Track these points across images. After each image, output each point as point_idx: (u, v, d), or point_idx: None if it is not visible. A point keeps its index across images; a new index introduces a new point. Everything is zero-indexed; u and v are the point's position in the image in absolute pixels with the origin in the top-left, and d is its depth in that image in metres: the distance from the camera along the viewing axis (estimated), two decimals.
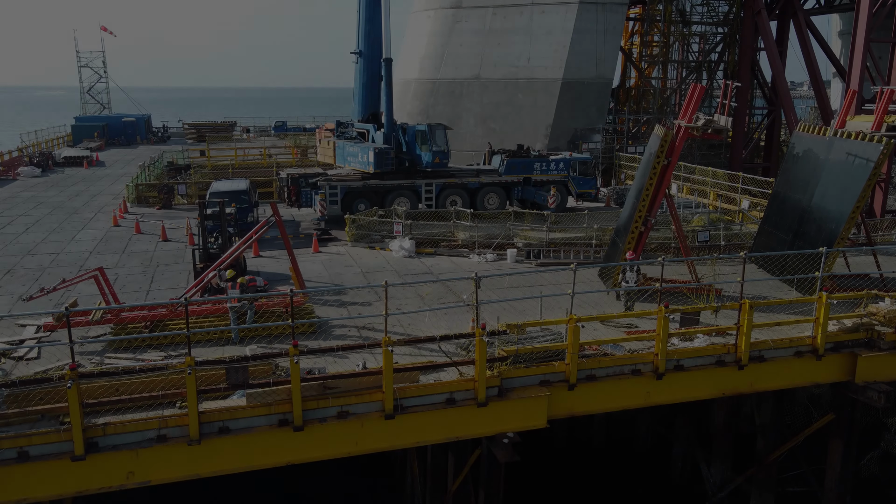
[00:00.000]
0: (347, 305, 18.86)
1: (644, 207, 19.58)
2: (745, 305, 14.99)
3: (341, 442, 13.06)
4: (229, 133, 67.24)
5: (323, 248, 25.68)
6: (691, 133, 19.42)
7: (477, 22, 43.33)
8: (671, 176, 19.60)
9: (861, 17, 33.21)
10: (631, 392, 14.93)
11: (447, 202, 30.22)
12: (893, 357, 16.10)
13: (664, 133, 19.07)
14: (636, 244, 19.94)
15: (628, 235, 19.72)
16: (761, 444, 18.44)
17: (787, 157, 22.90)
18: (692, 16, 45.88)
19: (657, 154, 19.16)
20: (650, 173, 19.31)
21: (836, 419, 17.03)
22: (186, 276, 21.75)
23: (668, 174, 19.41)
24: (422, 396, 13.37)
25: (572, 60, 41.07)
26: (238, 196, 26.58)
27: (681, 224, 21.33)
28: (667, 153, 19.22)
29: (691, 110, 19.26)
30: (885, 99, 19.05)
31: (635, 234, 19.76)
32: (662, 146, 19.06)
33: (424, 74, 45.12)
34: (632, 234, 19.72)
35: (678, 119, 19.58)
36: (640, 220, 19.68)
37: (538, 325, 14.68)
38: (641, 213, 19.65)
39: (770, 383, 16.07)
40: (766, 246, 22.33)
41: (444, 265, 23.53)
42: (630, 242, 19.82)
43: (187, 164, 43.61)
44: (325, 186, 29.12)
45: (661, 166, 19.27)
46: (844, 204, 19.07)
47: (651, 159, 19.37)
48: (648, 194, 19.47)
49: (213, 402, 12.68)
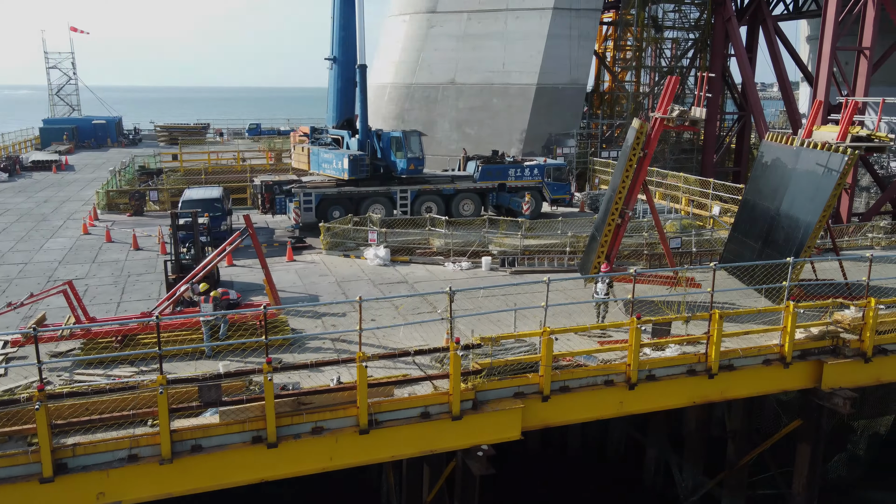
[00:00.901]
0: (322, 317, 18.80)
1: (621, 200, 19.88)
2: (715, 315, 15.24)
3: (316, 458, 13.04)
4: (202, 136, 66.56)
5: (297, 256, 25.56)
6: (667, 125, 19.76)
7: (452, 27, 43.42)
8: (647, 168, 19.93)
9: (827, 27, 33.90)
10: (604, 402, 15.10)
11: (422, 209, 30.25)
12: (858, 364, 16.48)
13: (640, 125, 19.40)
14: (613, 238, 20.21)
15: (605, 228, 20.01)
16: (732, 448, 18.78)
17: (756, 165, 23.31)
18: (664, 21, 46.44)
19: (633, 146, 19.49)
20: (627, 165, 19.65)
21: (804, 424, 17.39)
22: (158, 286, 21.53)
23: (644, 166, 19.74)
24: (396, 411, 13.40)
25: (547, 65, 41.33)
26: (211, 204, 26.33)
27: (660, 222, 21.69)
28: (643, 145, 19.54)
29: (666, 102, 19.60)
30: (850, 110, 19.46)
31: (612, 227, 20.04)
32: (639, 138, 19.40)
33: (400, 79, 45.10)
34: (608, 227, 20.00)
35: (654, 112, 19.93)
36: (616, 212, 19.96)
37: (512, 337, 14.79)
38: (618, 206, 19.94)
39: (740, 391, 16.37)
40: (736, 253, 22.70)
41: (419, 273, 23.56)
42: (607, 235, 20.09)
43: (159, 169, 43.11)
44: (300, 193, 28.98)
45: (638, 158, 19.60)
46: (811, 212, 19.47)
47: (628, 152, 19.68)
48: (625, 186, 19.79)
49: (185, 419, 12.56)
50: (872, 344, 16.45)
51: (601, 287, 17.63)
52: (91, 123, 65.33)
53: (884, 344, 16.91)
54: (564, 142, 42.13)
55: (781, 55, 43.29)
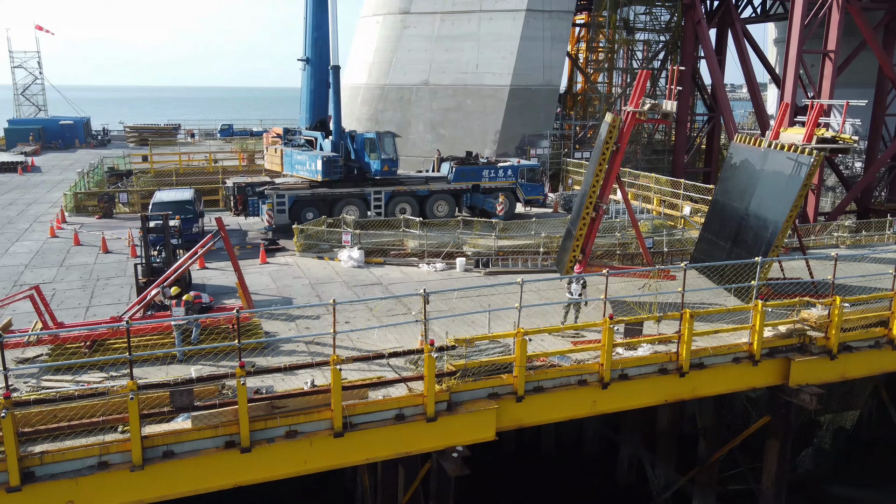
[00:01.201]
0: (296, 319, 18.70)
1: (595, 194, 20.11)
2: (686, 315, 15.47)
3: (290, 462, 12.97)
4: (173, 137, 65.73)
5: (270, 258, 25.38)
6: (639, 118, 20.04)
7: (426, 28, 43.43)
8: (620, 162, 20.21)
9: (794, 31, 34.54)
10: (577, 402, 15.24)
11: (396, 210, 30.23)
12: (824, 361, 16.84)
13: (613, 119, 19.65)
14: (588, 231, 20.43)
15: (580, 222, 20.22)
16: (703, 445, 19.08)
17: (726, 166, 23.69)
18: (636, 23, 46.94)
19: (606, 140, 19.74)
20: (600, 159, 19.88)
21: (772, 420, 17.73)
22: (129, 290, 21.24)
23: (617, 160, 19.99)
24: (371, 413, 13.38)
25: (520, 67, 41.54)
26: (182, 206, 26.04)
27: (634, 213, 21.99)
28: (616, 139, 19.80)
29: (638, 96, 19.88)
30: (815, 112, 19.86)
31: (587, 221, 20.27)
32: (611, 132, 19.65)
33: (373, 80, 45.00)
34: (583, 221, 20.22)
35: (626, 105, 20.21)
36: (591, 205, 20.19)
37: (486, 338, 14.86)
38: (592, 199, 20.16)
39: (710, 389, 16.63)
40: (706, 252, 23.05)
41: (394, 275, 23.54)
42: (582, 229, 20.30)
43: (129, 171, 42.45)
44: (273, 195, 28.77)
45: (611, 152, 19.85)
46: (779, 212, 19.83)
47: (601, 146, 19.92)
48: (599, 180, 20.03)
49: (157, 425, 12.42)
50: (838, 341, 16.82)
51: (575, 287, 17.77)
52: (58, 124, 64.12)
53: (848, 341, 17.30)
54: (538, 143, 42.39)
55: (749, 57, 44.04)
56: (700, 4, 43.81)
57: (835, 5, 35.04)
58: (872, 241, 29.35)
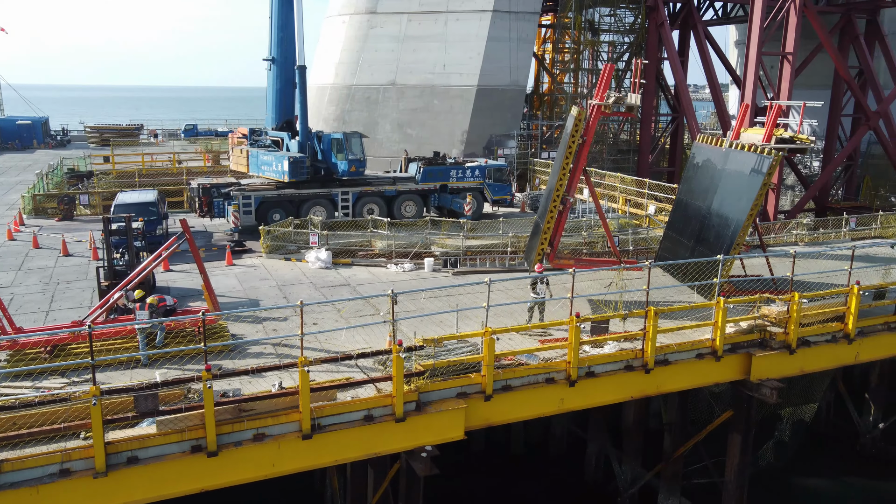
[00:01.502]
0: (263, 321, 18.55)
1: (562, 186, 20.34)
2: (651, 312, 15.73)
3: (258, 465, 12.88)
4: (136, 137, 64.55)
5: (237, 260, 25.11)
6: (604, 111, 20.34)
7: (393, 28, 43.36)
8: (587, 155, 20.53)
9: (753, 34, 35.27)
10: (545, 400, 15.39)
11: (364, 211, 30.15)
12: (783, 356, 17.28)
13: (578, 112, 19.91)
14: (556, 224, 20.65)
15: (547, 215, 20.44)
16: (668, 440, 19.39)
17: (689, 166, 24.10)
18: (600, 25, 47.50)
19: (572, 133, 19.98)
20: (566, 152, 20.13)
21: (735, 415, 18.12)
22: (91, 294, 20.83)
23: (583, 153, 20.27)
24: (340, 415, 13.35)
25: (487, 67, 41.72)
26: (146, 208, 25.64)
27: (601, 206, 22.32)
28: (582, 132, 20.05)
29: (603, 89, 20.17)
30: (774, 113, 20.35)
31: (554, 214, 20.49)
32: (577, 125, 19.92)
33: (340, 80, 44.78)
34: (550, 214, 20.44)
35: (592, 99, 20.50)
36: (558, 198, 20.41)
37: (455, 338, 14.92)
38: (560, 193, 20.39)
39: (674, 385, 16.94)
40: (670, 251, 23.43)
41: (362, 275, 23.48)
42: (549, 222, 20.51)
43: (90, 172, 41.59)
44: (239, 196, 28.47)
45: (577, 145, 20.11)
46: (740, 211, 20.25)
47: (567, 140, 20.16)
48: (566, 173, 20.27)
49: (120, 431, 12.23)
50: (797, 336, 17.26)
51: (541, 287, 17.93)
52: (15, 124, 62.52)
53: (807, 336, 17.76)
54: (505, 143, 42.63)
55: (711, 59, 44.85)
56: (663, 7, 44.49)
57: (792, 9, 35.90)
58: (829, 239, 30.17)
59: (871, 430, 24.06)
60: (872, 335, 18.57)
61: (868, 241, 28.98)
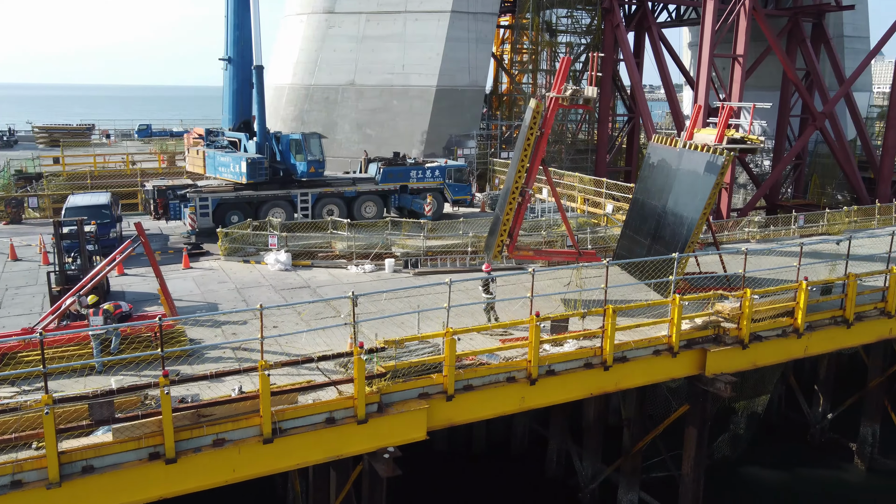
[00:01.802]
0: (222, 325, 18.29)
1: (521, 178, 20.56)
2: (609, 310, 16.00)
3: (218, 471, 12.72)
4: (87, 138, 62.81)
5: (194, 263, 24.71)
6: (561, 104, 20.62)
7: (351, 28, 43.16)
8: (545, 147, 20.83)
9: (705, 37, 36.11)
10: (507, 398, 15.53)
11: (324, 212, 29.96)
12: (736, 350, 17.75)
13: (536, 105, 20.16)
14: (515, 216, 20.87)
15: (506, 207, 20.65)
16: (627, 436, 19.75)
17: (644, 166, 24.57)
18: (558, 26, 48.05)
19: (530, 125, 20.23)
20: (525, 145, 20.36)
21: (691, 409, 18.55)
22: (41, 299, 20.27)
23: (542, 144, 20.54)
24: (301, 418, 13.27)
25: (446, 68, 41.85)
26: (98, 211, 25.02)
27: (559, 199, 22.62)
28: (540, 125, 20.31)
29: (560, 82, 20.45)
30: (725, 114, 20.87)
31: (513, 206, 20.70)
32: (535, 117, 20.17)
33: (298, 80, 44.39)
34: (510, 206, 20.65)
35: (550, 92, 20.78)
36: (517, 190, 20.62)
37: (416, 339, 14.96)
38: (518, 185, 20.60)
39: (633, 381, 17.25)
40: (627, 249, 23.85)
41: (322, 277, 23.34)
42: (508, 214, 20.72)
43: (39, 173, 40.35)
44: (196, 198, 28.00)
45: (536, 137, 20.35)
46: (694, 210, 20.72)
47: (526, 132, 20.40)
48: (524, 165, 20.50)
49: (75, 439, 11.95)
50: (749, 331, 17.74)
51: (493, 287, 17.97)
52: None
53: (759, 331, 18.28)
54: (465, 143, 42.81)
55: (665, 60, 45.77)
56: (618, 9, 45.22)
57: (742, 12, 36.88)
58: (780, 236, 31.07)
59: (820, 421, 24.91)
60: (820, 329, 19.20)
61: (815, 238, 29.93)
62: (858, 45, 51.73)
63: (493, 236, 21.83)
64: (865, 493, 22.87)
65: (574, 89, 20.58)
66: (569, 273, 22.22)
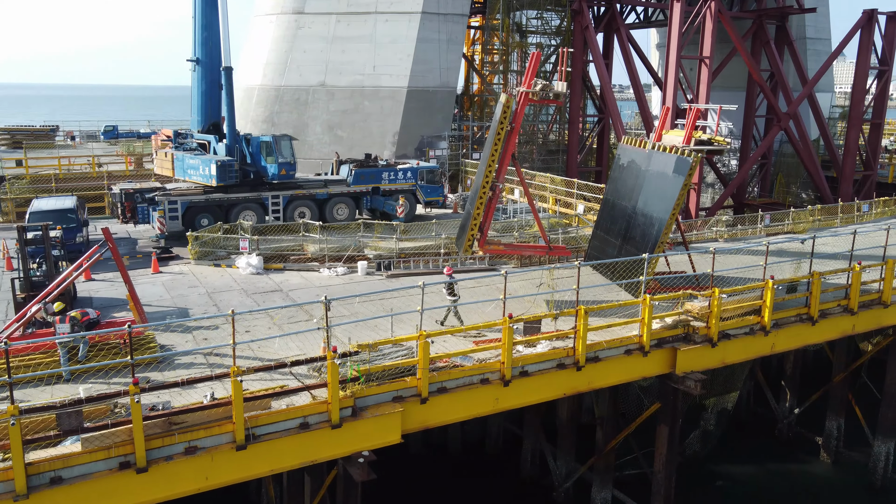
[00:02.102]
0: (193, 331, 18.08)
1: (491, 173, 20.68)
2: (581, 311, 16.16)
3: (190, 479, 12.57)
4: (51, 139, 61.53)
5: (164, 267, 24.37)
6: (531, 99, 20.80)
7: (321, 28, 42.89)
8: (515, 141, 21.00)
9: (673, 39, 36.63)
10: (480, 400, 15.59)
11: (295, 214, 29.77)
12: (706, 349, 18.05)
13: (506, 100, 20.32)
14: (486, 210, 20.98)
15: (477, 201, 20.76)
16: (600, 434, 19.96)
17: (614, 167, 24.86)
18: (528, 27, 48.33)
19: (500, 120, 20.37)
20: (495, 139, 20.50)
21: (662, 407, 18.79)
22: (5, 307, 19.82)
23: (512, 139, 20.71)
24: (274, 423, 13.17)
25: (417, 69, 41.81)
26: (64, 215, 24.55)
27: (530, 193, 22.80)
28: (510, 119, 20.45)
29: (530, 77, 20.62)
30: (693, 116, 21.21)
31: (484, 200, 20.82)
32: (505, 112, 20.35)
33: (268, 81, 43.98)
34: (480, 200, 20.75)
35: (520, 87, 20.94)
36: (487, 185, 20.73)
37: (390, 342, 14.94)
38: (489, 179, 20.71)
39: (605, 381, 17.43)
40: (599, 249, 24.11)
41: (294, 281, 23.19)
42: (479, 208, 20.82)
43: (1, 176, 39.43)
44: (165, 202, 27.62)
45: (506, 132, 20.50)
46: (663, 210, 21.04)
47: (496, 127, 20.53)
48: (495, 160, 20.64)
49: (42, 450, 11.72)
50: (718, 330, 18.05)
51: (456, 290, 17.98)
52: None
53: (727, 329, 18.60)
54: (436, 144, 42.83)
55: (634, 61, 46.32)
56: (588, 10, 45.64)
57: (708, 15, 37.50)
58: (746, 235, 31.66)
59: (787, 416, 25.45)
60: (786, 326, 19.60)
61: (781, 237, 30.55)
62: (820, 47, 52.92)
63: (463, 231, 21.91)
64: (831, 486, 23.44)
65: (544, 84, 20.80)
66: (541, 274, 22.38)
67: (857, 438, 24.34)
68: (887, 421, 22.87)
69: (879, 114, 44.63)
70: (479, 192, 20.74)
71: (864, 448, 23.83)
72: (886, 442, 22.87)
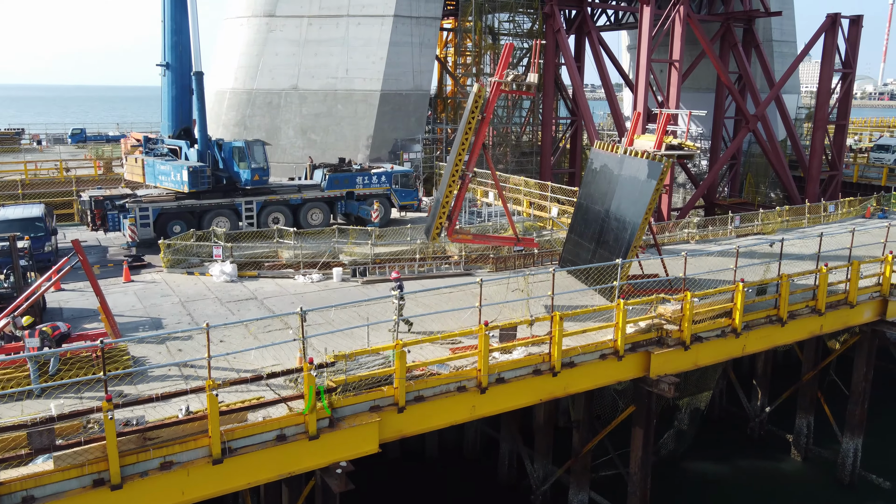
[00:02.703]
0: (167, 341, 17.87)
1: (461, 162, 20.80)
2: (556, 317, 16.30)
3: (166, 494, 12.44)
4: (16, 143, 60.29)
5: (135, 276, 24.04)
6: (503, 89, 20.98)
7: (293, 31, 42.65)
8: (486, 132, 21.26)
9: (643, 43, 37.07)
10: (457, 408, 15.64)
11: (269, 220, 29.56)
12: (679, 352, 18.32)
13: (478, 90, 20.49)
14: (455, 200, 21.11)
15: (446, 189, 20.87)
16: (576, 437, 20.17)
17: (587, 171, 25.09)
18: (500, 30, 48.53)
19: (472, 110, 20.54)
20: (466, 128, 20.65)
21: (637, 409, 19.06)
22: None
23: (482, 129, 20.90)
24: (251, 436, 13.09)
25: (390, 72, 41.78)
26: (31, 224, 24.09)
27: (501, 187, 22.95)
28: (482, 109, 20.59)
29: (502, 68, 20.80)
30: (664, 121, 21.50)
31: (454, 189, 20.94)
32: (477, 102, 20.54)
33: (240, 84, 43.61)
34: (450, 189, 20.87)
35: (492, 77, 21.12)
36: (457, 174, 20.84)
37: (366, 352, 14.93)
38: (458, 168, 20.82)
39: (581, 385, 17.60)
40: (573, 253, 24.33)
41: (269, 288, 23.04)
42: (448, 196, 20.92)
43: None
44: (135, 209, 27.24)
45: (477, 121, 20.64)
46: (636, 214, 21.30)
47: (468, 116, 20.66)
48: (465, 149, 20.78)
49: (13, 469, 11.51)
50: (690, 333, 18.33)
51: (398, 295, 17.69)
52: None
53: (699, 332, 18.90)
54: (410, 147, 42.83)
55: (605, 64, 46.77)
56: (559, 13, 45.96)
57: (677, 18, 38.01)
58: (717, 236, 32.16)
59: (759, 414, 25.93)
60: (757, 328, 19.97)
61: (751, 239, 31.10)
62: (786, 49, 53.98)
63: (432, 219, 22.00)
64: (801, 483, 23.94)
65: (515, 74, 21.00)
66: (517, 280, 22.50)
67: (826, 435, 24.88)
68: (854, 418, 23.43)
69: (844, 115, 45.62)
70: (448, 181, 20.85)
71: (833, 445, 24.38)
72: (854, 439, 23.42)
